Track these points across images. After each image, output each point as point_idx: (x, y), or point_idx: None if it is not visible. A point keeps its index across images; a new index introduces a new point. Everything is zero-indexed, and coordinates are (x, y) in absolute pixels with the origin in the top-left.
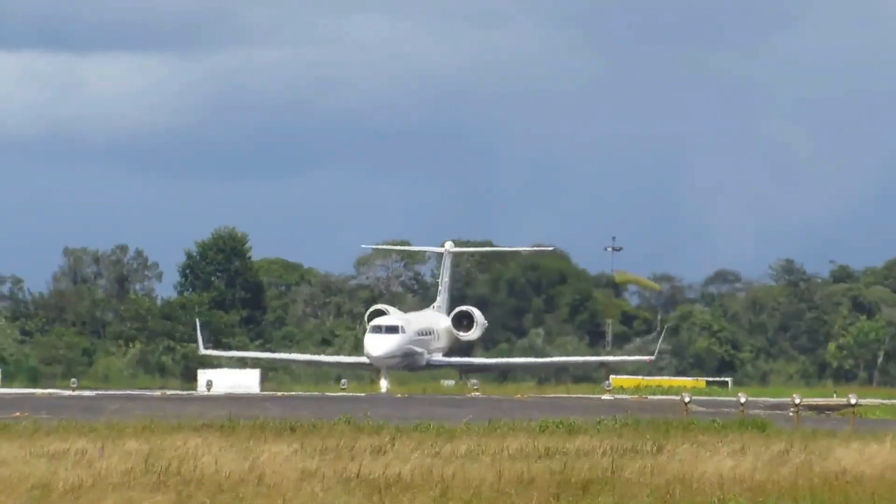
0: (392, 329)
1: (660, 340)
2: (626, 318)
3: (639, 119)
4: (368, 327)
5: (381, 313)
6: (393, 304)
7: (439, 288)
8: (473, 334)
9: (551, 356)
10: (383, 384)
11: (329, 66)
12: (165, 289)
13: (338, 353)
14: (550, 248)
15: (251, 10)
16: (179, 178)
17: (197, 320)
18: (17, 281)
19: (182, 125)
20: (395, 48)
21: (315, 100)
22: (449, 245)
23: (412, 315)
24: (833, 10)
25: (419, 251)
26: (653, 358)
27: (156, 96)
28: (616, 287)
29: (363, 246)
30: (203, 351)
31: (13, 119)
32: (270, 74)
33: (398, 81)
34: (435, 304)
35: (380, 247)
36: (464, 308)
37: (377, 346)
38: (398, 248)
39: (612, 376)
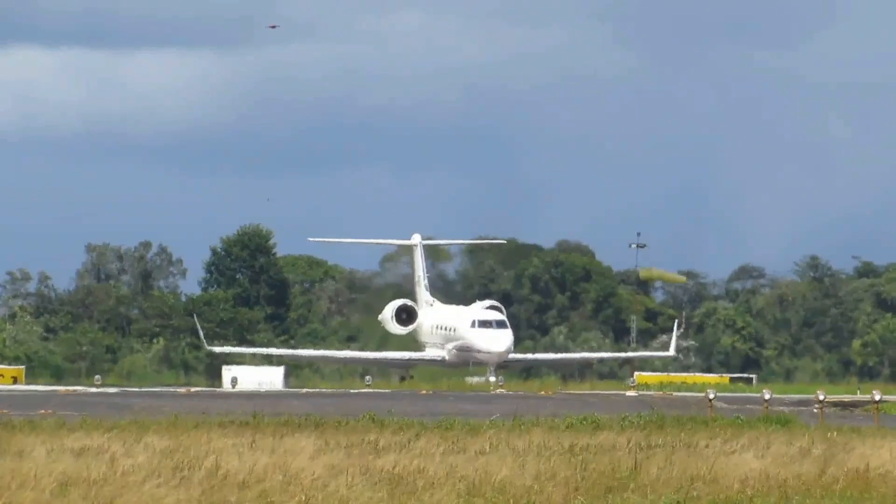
0: (502, 324)
1: (674, 335)
2: (651, 315)
3: (665, 115)
4: (474, 322)
5: (408, 309)
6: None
7: (417, 282)
8: None
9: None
10: (492, 379)
11: (364, 63)
12: (190, 285)
13: (362, 350)
14: (502, 240)
15: (289, 7)
16: (208, 175)
17: (195, 316)
18: (45, 278)
19: (218, 122)
20: (430, 44)
21: (346, 97)
22: (416, 238)
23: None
24: (866, 6)
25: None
26: (671, 354)
27: (193, 93)
28: (641, 284)
29: (310, 239)
30: (208, 348)
31: (51, 115)
32: (307, 71)
33: (429, 78)
34: (426, 300)
35: (327, 240)
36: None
37: (498, 341)
38: (354, 240)
39: (636, 373)
